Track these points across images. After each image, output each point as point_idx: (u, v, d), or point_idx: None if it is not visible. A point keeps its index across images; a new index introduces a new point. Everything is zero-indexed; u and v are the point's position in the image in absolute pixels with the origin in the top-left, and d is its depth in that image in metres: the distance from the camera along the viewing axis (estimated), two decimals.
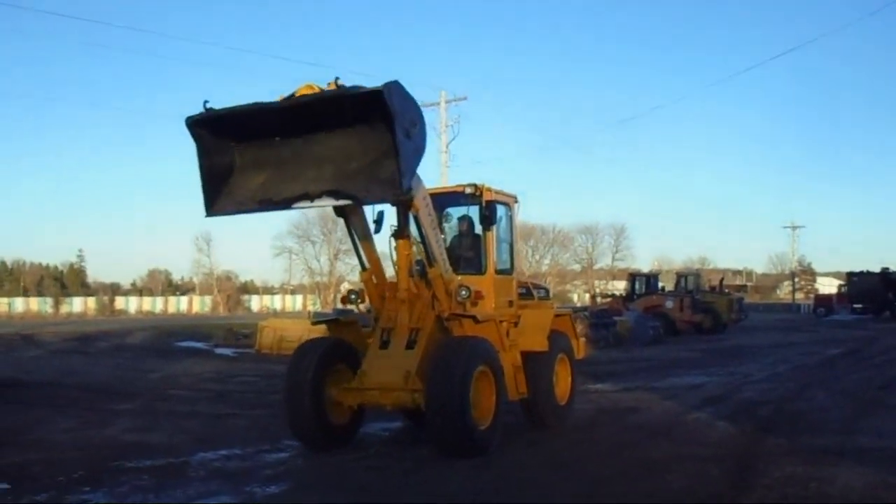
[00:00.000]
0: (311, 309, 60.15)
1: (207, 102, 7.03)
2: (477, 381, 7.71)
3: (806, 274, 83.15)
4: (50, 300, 72.59)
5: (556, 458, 7.99)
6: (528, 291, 10.54)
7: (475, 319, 8.33)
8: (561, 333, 9.97)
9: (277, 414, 9.24)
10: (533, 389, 9.18)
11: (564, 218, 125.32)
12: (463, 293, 8.31)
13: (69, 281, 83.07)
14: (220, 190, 7.35)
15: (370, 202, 7.67)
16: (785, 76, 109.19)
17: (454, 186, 9.67)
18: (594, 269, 78.90)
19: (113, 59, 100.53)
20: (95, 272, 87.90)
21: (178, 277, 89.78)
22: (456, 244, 9.49)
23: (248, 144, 7.43)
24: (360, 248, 8.53)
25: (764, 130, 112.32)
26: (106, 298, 74.41)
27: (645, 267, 57.03)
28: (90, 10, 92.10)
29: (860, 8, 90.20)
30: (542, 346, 9.27)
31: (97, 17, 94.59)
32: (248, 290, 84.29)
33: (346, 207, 7.98)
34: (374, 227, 8.55)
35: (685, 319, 29.80)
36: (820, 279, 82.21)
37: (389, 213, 8.55)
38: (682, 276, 35.10)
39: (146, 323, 44.54)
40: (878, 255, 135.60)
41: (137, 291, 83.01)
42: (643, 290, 32.67)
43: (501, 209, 9.48)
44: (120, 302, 75.51)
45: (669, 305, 30.00)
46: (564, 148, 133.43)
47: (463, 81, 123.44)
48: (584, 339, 11.89)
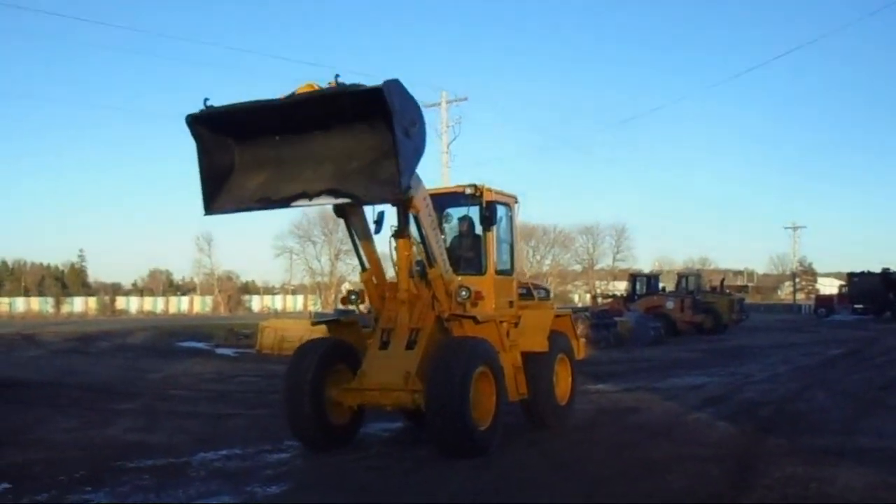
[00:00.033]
0: (311, 309, 60.12)
1: (208, 100, 7.06)
2: (477, 381, 7.71)
3: (807, 274, 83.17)
4: (51, 300, 72.72)
5: (556, 458, 8.00)
6: (528, 292, 10.55)
7: (475, 320, 8.33)
8: (561, 334, 9.96)
9: (278, 414, 9.23)
10: (533, 390, 9.18)
11: (565, 218, 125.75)
12: (463, 294, 8.30)
13: (70, 281, 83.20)
14: (219, 188, 7.37)
15: (369, 201, 7.66)
16: (785, 76, 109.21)
17: (454, 187, 9.68)
18: (595, 269, 78.90)
19: (113, 59, 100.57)
20: (96, 272, 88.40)
21: (178, 277, 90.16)
22: (456, 245, 9.48)
23: (247, 143, 7.44)
24: (360, 248, 8.53)
25: (764, 130, 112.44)
26: (107, 298, 74.54)
27: (646, 267, 57.19)
28: (90, 10, 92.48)
29: (860, 8, 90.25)
30: (542, 346, 9.27)
31: (97, 17, 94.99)
32: (248, 290, 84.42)
33: (346, 207, 7.99)
34: (374, 227, 8.54)
35: (686, 320, 29.76)
36: (821, 280, 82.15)
37: (389, 213, 8.56)
38: (682, 276, 35.00)
39: (147, 323, 44.60)
40: (878, 255, 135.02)
41: (138, 291, 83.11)
42: (644, 290, 32.67)
43: (502, 209, 9.48)
44: (121, 302, 75.65)
45: (670, 306, 29.96)
46: (564, 148, 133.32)
47: (463, 81, 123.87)
48: (584, 339, 11.90)
